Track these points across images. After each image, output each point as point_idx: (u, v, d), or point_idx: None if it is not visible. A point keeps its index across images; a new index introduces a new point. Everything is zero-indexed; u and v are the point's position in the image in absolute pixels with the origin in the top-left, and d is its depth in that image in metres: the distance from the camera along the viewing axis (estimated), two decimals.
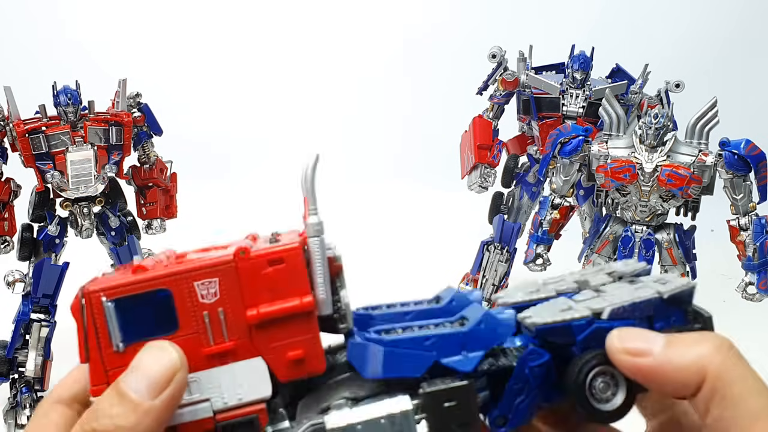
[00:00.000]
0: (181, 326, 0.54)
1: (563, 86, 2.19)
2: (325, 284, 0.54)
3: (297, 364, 0.54)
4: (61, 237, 1.90)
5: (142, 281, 0.53)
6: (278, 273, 0.54)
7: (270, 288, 0.54)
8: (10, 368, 1.88)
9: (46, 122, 1.80)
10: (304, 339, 0.54)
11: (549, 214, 1.90)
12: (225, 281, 0.53)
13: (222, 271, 0.53)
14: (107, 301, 0.52)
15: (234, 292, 0.53)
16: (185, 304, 0.53)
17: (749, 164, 1.72)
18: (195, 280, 0.53)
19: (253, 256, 0.54)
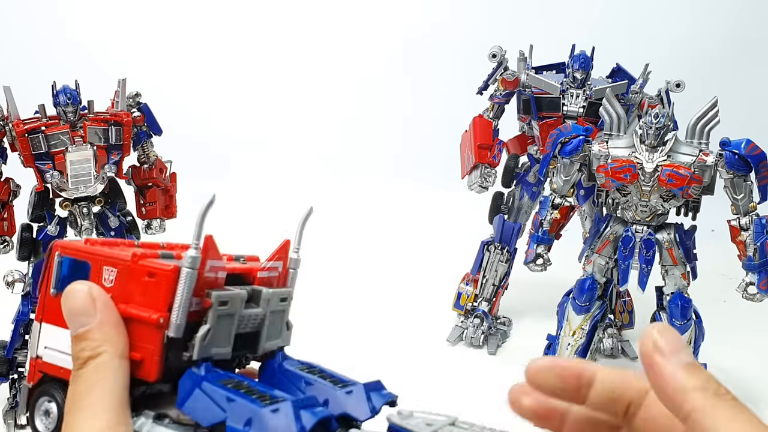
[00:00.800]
0: None
1: (564, 86, 2.19)
2: (180, 310, 0.60)
3: (134, 364, 0.60)
4: (60, 237, 1.89)
5: (81, 250, 0.65)
6: (150, 285, 0.61)
7: (141, 293, 0.61)
8: (9, 368, 1.88)
9: (46, 122, 1.80)
10: (146, 346, 0.60)
11: (549, 214, 1.90)
12: (120, 274, 0.62)
13: (120, 266, 0.63)
14: (58, 255, 0.65)
15: (121, 285, 0.62)
16: (94, 278, 0.63)
17: (750, 164, 1.72)
18: (105, 264, 0.63)
19: (139, 264, 0.62)
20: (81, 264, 0.65)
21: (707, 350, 1.89)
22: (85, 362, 0.58)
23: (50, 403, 0.65)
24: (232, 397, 0.56)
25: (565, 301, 1.98)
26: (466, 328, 2.36)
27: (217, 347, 0.62)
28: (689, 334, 1.86)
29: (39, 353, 0.66)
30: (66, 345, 0.63)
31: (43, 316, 0.66)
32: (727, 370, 2.06)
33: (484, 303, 2.40)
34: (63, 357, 0.64)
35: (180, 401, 0.59)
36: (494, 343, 2.34)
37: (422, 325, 2.42)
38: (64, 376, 0.63)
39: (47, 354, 0.66)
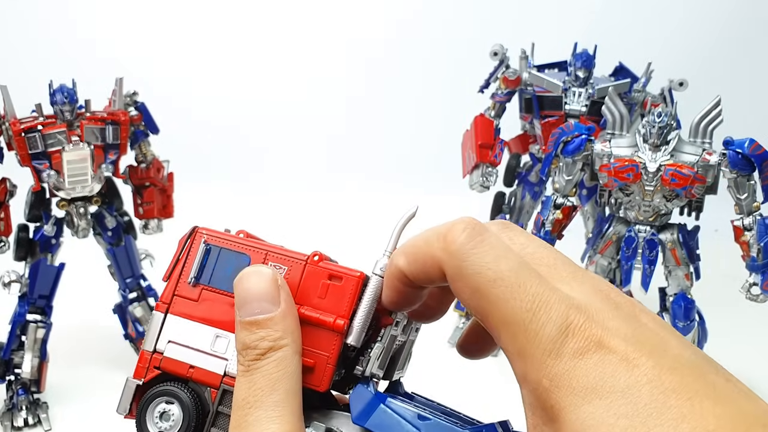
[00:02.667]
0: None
1: (566, 84, 2.17)
2: (364, 318, 0.57)
3: (305, 371, 0.56)
4: (57, 237, 1.88)
5: (236, 241, 0.61)
6: (332, 288, 0.58)
7: (320, 296, 0.58)
8: (6, 370, 1.87)
9: (43, 121, 1.78)
10: (320, 353, 0.57)
11: (551, 214, 1.88)
12: (291, 272, 0.59)
13: (293, 263, 0.60)
14: (205, 244, 0.61)
15: (292, 284, 0.59)
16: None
17: (753, 164, 1.70)
18: (271, 260, 0.60)
19: (321, 265, 0.59)
20: (235, 256, 0.61)
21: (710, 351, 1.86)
22: (265, 353, 0.52)
23: (170, 405, 0.60)
24: (425, 416, 0.53)
25: None
26: None
27: (378, 368, 0.59)
28: (692, 335, 1.85)
29: (159, 347, 0.61)
30: (199, 341, 0.60)
31: (170, 307, 0.62)
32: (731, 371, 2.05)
33: None
34: (194, 355, 0.60)
35: (359, 416, 0.55)
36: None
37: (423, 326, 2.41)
38: (192, 376, 0.60)
39: (172, 349, 0.61)
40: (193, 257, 0.62)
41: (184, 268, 0.62)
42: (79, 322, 2.25)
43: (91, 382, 2.01)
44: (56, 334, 1.91)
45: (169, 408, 0.60)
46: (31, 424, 1.83)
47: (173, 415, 0.60)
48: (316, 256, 0.60)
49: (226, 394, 0.58)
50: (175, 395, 0.60)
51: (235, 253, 0.61)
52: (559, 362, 0.39)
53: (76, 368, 2.07)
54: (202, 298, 0.62)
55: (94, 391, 1.97)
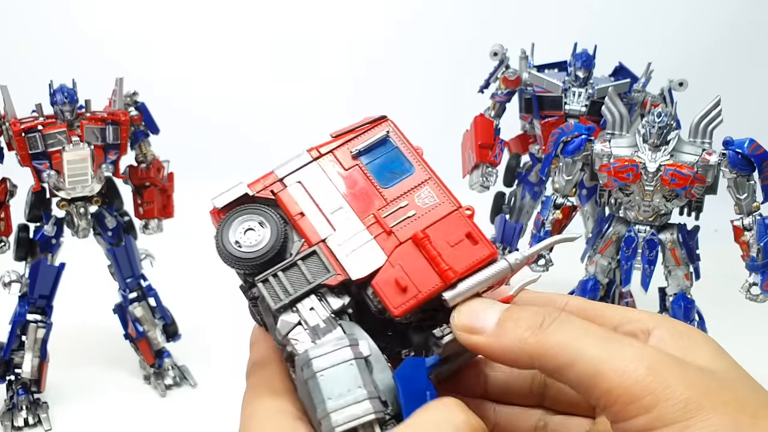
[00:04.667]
0: (389, 189, 0.63)
1: (566, 84, 2.17)
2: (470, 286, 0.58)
3: (392, 288, 0.58)
4: (57, 237, 1.88)
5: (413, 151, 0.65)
6: (464, 245, 0.60)
7: (450, 244, 0.59)
8: (6, 370, 1.87)
9: (43, 121, 1.78)
10: (415, 285, 0.58)
11: (551, 214, 1.88)
12: (438, 209, 0.61)
13: (445, 202, 0.62)
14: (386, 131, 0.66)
15: (434, 217, 0.61)
16: (408, 185, 0.63)
17: (753, 164, 1.70)
18: (428, 185, 0.62)
19: (467, 218, 0.61)
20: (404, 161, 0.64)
21: None
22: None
23: (262, 228, 0.61)
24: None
25: None
26: None
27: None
28: None
29: (286, 181, 0.64)
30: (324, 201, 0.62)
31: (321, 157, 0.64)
32: None
33: None
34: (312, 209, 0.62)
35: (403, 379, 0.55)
36: None
37: None
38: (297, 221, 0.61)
39: (295, 189, 0.63)
40: (369, 136, 0.65)
41: (357, 138, 0.65)
42: (79, 322, 2.25)
43: (91, 382, 2.01)
44: (56, 334, 1.91)
45: (257, 228, 0.60)
46: (31, 424, 1.83)
47: (259, 236, 0.60)
48: (468, 210, 0.62)
49: (313, 256, 0.59)
50: (270, 221, 0.60)
51: (404, 158, 0.64)
52: None
53: (76, 368, 2.07)
54: (351, 172, 0.63)
55: (94, 391, 1.98)
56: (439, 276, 0.58)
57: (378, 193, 0.63)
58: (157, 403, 1.94)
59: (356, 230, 0.61)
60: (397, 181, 0.63)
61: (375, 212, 0.62)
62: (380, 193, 0.63)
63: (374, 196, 0.62)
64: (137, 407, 1.92)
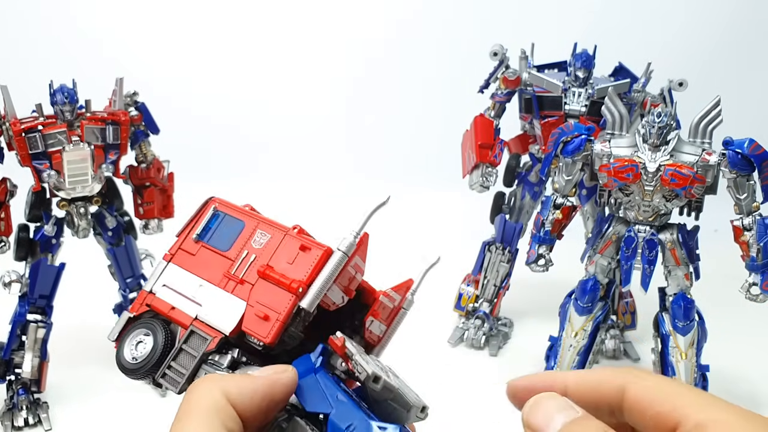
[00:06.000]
0: (230, 250, 0.70)
1: (565, 84, 2.17)
2: (320, 286, 0.65)
3: (258, 322, 0.65)
4: (57, 237, 1.88)
5: (240, 211, 0.72)
6: (300, 257, 0.67)
7: (289, 262, 0.66)
8: (6, 370, 1.87)
9: (43, 121, 1.79)
10: (274, 310, 0.65)
11: (551, 214, 1.88)
12: (272, 241, 0.68)
13: (277, 233, 0.69)
14: (214, 209, 0.72)
15: (271, 249, 0.68)
16: (244, 237, 0.70)
17: (753, 164, 1.70)
18: (260, 228, 0.70)
19: (297, 235, 0.68)
20: (234, 222, 0.71)
21: (710, 352, 1.88)
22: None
23: (147, 336, 0.68)
24: (343, 398, 0.60)
25: (567, 302, 1.96)
26: (467, 329, 2.35)
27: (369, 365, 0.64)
28: (692, 335, 1.84)
29: (154, 289, 0.71)
30: (185, 287, 0.69)
31: (173, 257, 0.72)
32: (731, 372, 2.04)
33: (486, 304, 2.39)
34: (179, 299, 0.69)
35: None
36: (495, 345, 2.33)
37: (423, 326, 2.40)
38: (171, 315, 0.68)
39: (163, 292, 0.70)
40: (202, 218, 0.72)
41: (195, 226, 0.72)
42: (79, 322, 2.25)
43: (91, 382, 2.01)
44: (56, 334, 1.91)
45: (145, 339, 0.68)
46: (32, 423, 1.83)
47: (146, 345, 0.68)
48: (296, 228, 0.69)
49: (192, 335, 0.67)
50: (152, 329, 0.68)
51: (234, 219, 0.71)
52: None
53: (76, 368, 2.07)
54: (199, 254, 0.71)
55: (94, 391, 1.98)
56: (288, 292, 0.65)
57: (223, 257, 0.70)
58: (157, 403, 1.95)
59: (216, 295, 0.69)
60: (234, 239, 0.70)
61: (225, 273, 0.69)
62: (225, 256, 0.70)
63: (221, 262, 0.70)
64: (137, 407, 1.92)
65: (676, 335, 1.85)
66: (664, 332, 1.86)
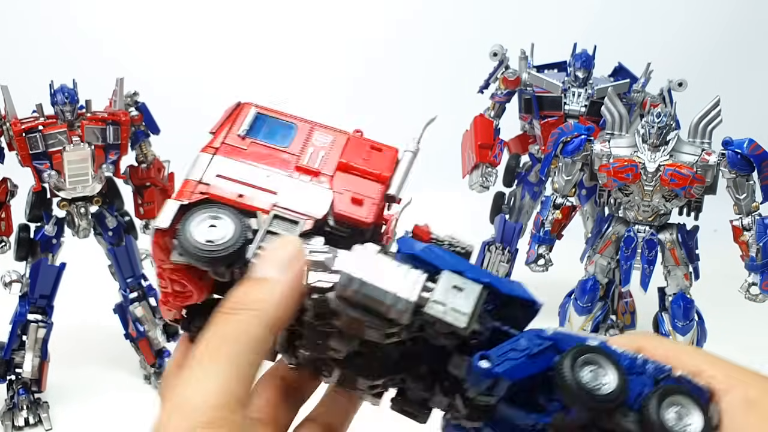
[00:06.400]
0: (290, 146, 0.67)
1: (565, 85, 2.17)
2: (402, 177, 0.68)
3: (354, 204, 0.64)
4: (58, 237, 1.89)
5: (281, 114, 0.69)
6: (374, 155, 0.68)
7: (364, 158, 0.67)
8: (6, 369, 1.87)
9: (43, 121, 1.79)
10: (369, 196, 0.65)
11: (551, 214, 1.88)
12: (336, 141, 0.68)
13: (338, 135, 0.69)
14: (254, 109, 0.68)
15: (339, 149, 0.67)
16: (301, 138, 0.67)
17: (752, 164, 1.71)
18: (317, 130, 0.69)
19: (362, 137, 0.69)
20: (284, 124, 0.68)
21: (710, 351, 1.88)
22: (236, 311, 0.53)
23: (218, 220, 0.60)
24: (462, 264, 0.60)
25: (566, 302, 1.96)
26: None
27: None
28: (692, 335, 1.85)
29: (206, 180, 0.63)
30: (251, 177, 0.64)
31: (218, 150, 0.66)
32: None
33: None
34: (246, 189, 0.63)
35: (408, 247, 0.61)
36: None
37: None
38: (241, 203, 0.61)
39: (220, 182, 0.63)
40: (242, 119, 0.68)
41: (233, 125, 0.68)
42: (80, 322, 2.25)
43: (92, 382, 2.01)
44: (57, 333, 1.91)
45: (216, 223, 0.60)
46: (32, 423, 1.84)
47: (224, 229, 0.60)
48: (358, 132, 0.70)
49: (277, 219, 0.62)
50: (223, 213, 0.61)
51: (282, 122, 0.69)
52: None
53: (76, 368, 2.07)
54: (251, 147, 0.67)
55: (95, 391, 1.98)
56: (377, 182, 0.66)
57: (286, 152, 0.67)
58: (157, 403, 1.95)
59: (293, 184, 0.65)
60: (291, 138, 0.68)
61: (295, 165, 0.66)
62: (287, 151, 0.68)
63: (285, 156, 0.67)
64: (137, 407, 1.91)
65: (675, 335, 1.85)
66: (664, 332, 1.86)
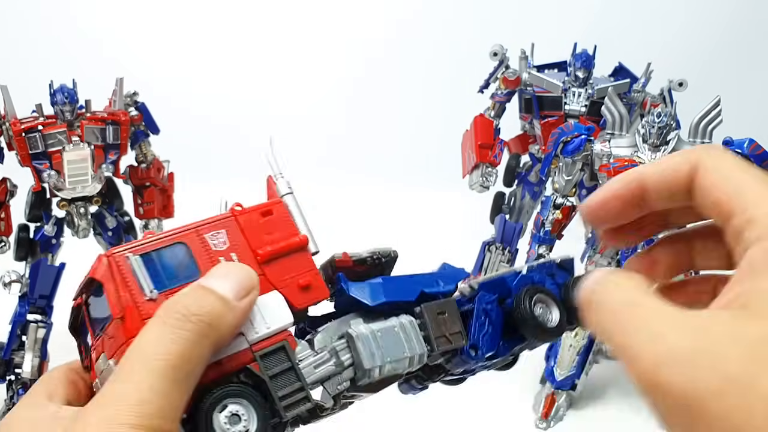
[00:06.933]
0: (201, 271, 0.58)
1: (565, 85, 2.17)
2: (305, 226, 0.65)
3: (306, 291, 0.62)
4: (57, 237, 1.89)
5: (158, 239, 0.59)
6: (270, 222, 0.63)
7: (267, 233, 0.62)
8: (6, 370, 1.87)
9: (43, 121, 1.79)
10: (306, 270, 0.63)
11: (551, 214, 1.88)
12: (231, 231, 0.61)
13: (225, 224, 0.62)
14: (133, 255, 0.57)
15: (240, 238, 0.61)
16: (201, 252, 0.59)
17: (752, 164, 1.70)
18: (205, 233, 0.60)
19: (246, 209, 0.64)
20: (175, 252, 0.58)
21: None
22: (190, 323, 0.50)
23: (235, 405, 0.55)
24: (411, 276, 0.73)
25: None
26: None
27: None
28: None
29: None
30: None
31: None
32: None
33: None
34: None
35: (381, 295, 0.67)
36: None
37: None
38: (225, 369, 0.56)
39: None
40: (132, 276, 0.56)
41: (132, 291, 0.56)
42: None
43: None
44: (57, 334, 1.91)
45: (235, 409, 0.55)
46: None
47: (243, 412, 0.55)
48: (237, 206, 0.64)
49: (266, 357, 0.58)
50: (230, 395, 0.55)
51: (170, 248, 0.59)
52: None
53: None
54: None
55: None
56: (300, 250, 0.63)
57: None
58: None
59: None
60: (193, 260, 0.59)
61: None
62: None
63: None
64: None
65: None
66: None
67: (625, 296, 0.45)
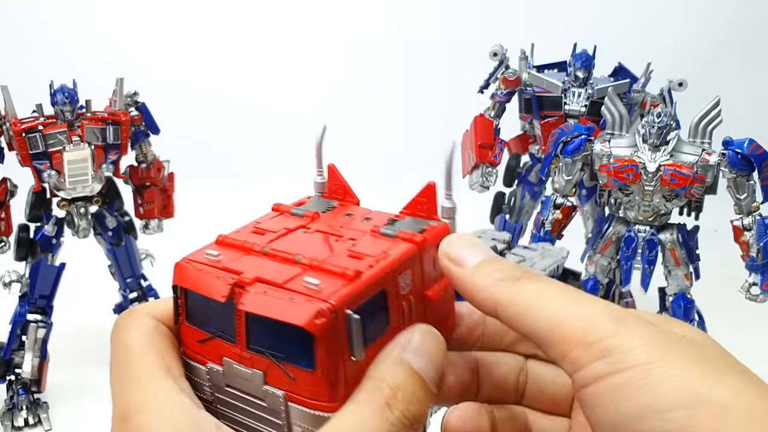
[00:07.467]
0: (390, 323, 0.49)
1: (565, 85, 2.17)
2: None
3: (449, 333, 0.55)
4: (57, 237, 1.89)
5: (370, 284, 0.47)
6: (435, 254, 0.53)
7: (432, 267, 0.53)
8: (6, 370, 1.87)
9: (43, 121, 1.79)
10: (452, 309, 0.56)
11: (551, 214, 1.88)
12: (414, 270, 0.51)
13: (413, 260, 0.51)
14: (353, 314, 0.45)
15: (417, 278, 0.52)
16: (393, 300, 0.49)
17: (753, 164, 1.70)
18: (398, 275, 0.50)
19: (429, 240, 0.53)
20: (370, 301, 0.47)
21: None
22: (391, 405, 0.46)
23: None
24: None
25: None
26: None
27: None
28: None
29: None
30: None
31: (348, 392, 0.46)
32: None
33: None
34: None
35: None
36: None
37: None
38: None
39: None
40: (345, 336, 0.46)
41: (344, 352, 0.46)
42: (80, 322, 2.25)
43: (92, 383, 2.01)
44: (57, 334, 1.91)
45: None
46: (32, 424, 1.84)
47: None
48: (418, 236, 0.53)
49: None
50: None
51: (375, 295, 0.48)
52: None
53: (76, 368, 2.07)
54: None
55: (95, 391, 1.97)
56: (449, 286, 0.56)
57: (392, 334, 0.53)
58: None
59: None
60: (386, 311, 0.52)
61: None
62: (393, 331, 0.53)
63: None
64: None
65: None
66: None
67: None
